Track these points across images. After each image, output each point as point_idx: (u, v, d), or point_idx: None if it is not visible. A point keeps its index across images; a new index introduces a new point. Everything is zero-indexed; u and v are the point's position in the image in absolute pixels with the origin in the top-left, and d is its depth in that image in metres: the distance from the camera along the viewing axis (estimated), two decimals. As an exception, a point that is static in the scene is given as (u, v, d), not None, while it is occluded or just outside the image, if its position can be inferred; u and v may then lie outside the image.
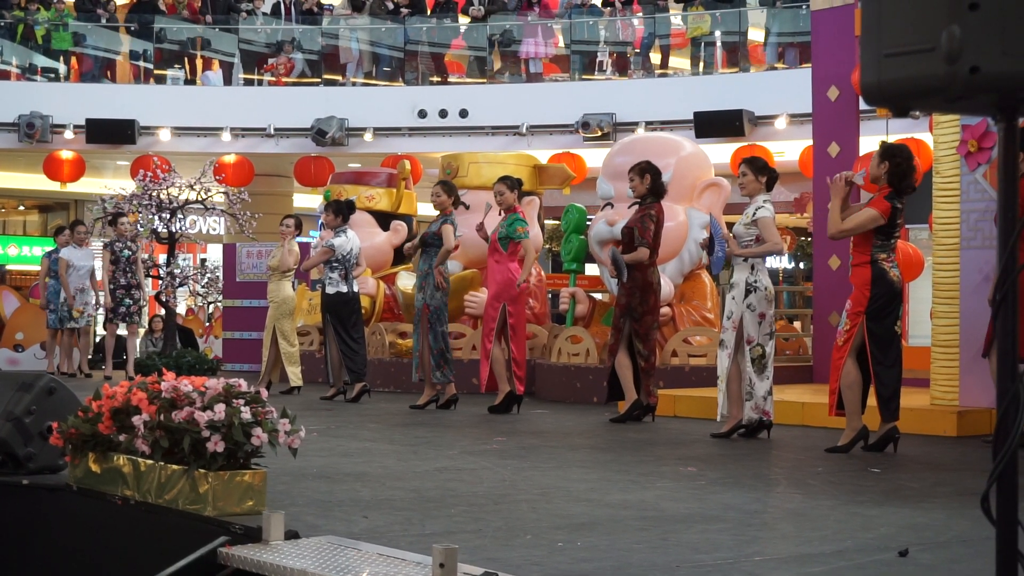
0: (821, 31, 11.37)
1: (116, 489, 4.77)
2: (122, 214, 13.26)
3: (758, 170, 7.81)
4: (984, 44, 2.40)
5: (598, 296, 12.20)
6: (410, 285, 11.96)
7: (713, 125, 15.73)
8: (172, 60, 18.70)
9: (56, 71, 18.61)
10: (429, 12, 18.67)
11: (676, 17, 17.93)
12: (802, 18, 15.94)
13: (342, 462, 6.34)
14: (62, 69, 18.63)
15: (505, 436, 7.86)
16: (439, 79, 18.45)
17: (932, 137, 9.27)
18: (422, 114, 17.26)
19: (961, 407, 8.26)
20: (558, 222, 13.62)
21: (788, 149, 15.90)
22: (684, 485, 5.68)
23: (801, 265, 23.33)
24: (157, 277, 13.81)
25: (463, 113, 17.14)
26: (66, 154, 17.53)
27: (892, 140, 8.08)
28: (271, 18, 18.98)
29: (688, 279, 11.24)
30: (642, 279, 8.80)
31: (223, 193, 13.99)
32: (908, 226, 10.66)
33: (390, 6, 18.72)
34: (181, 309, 17.80)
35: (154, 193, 13.13)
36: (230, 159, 17.46)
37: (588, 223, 11.58)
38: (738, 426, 7.76)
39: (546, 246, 16.57)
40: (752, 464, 6.70)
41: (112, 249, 13.31)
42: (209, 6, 18.73)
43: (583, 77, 17.80)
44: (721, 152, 15.10)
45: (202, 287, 14.32)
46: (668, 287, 10.62)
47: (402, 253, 14.09)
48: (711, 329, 10.78)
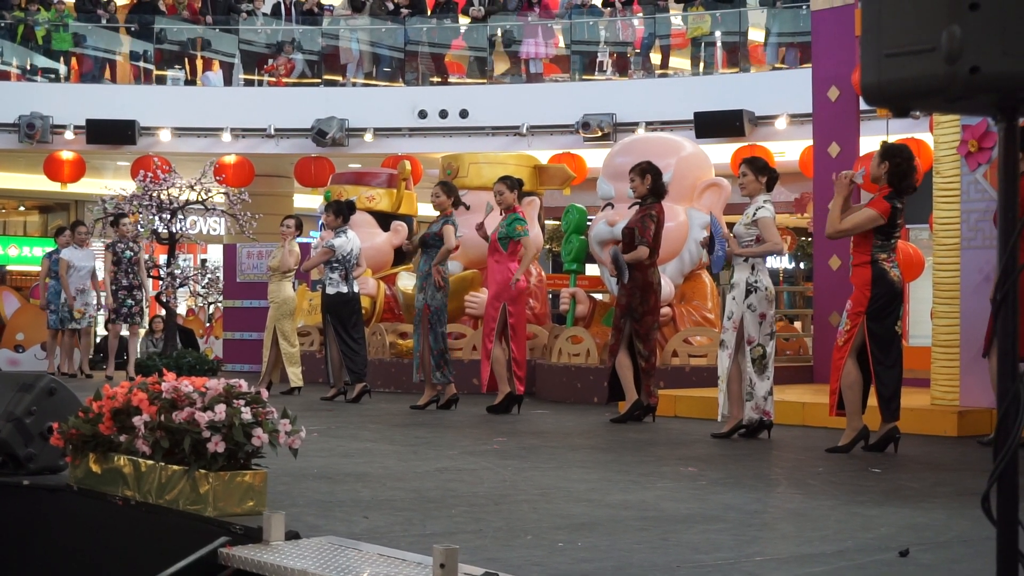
0: (821, 31, 11.37)
1: (117, 489, 4.78)
2: (124, 215, 13.27)
3: (758, 170, 7.81)
4: (984, 44, 2.40)
5: (598, 296, 12.20)
6: (410, 286, 11.95)
7: (713, 125, 15.72)
8: (172, 61, 18.69)
9: (56, 72, 18.61)
10: (429, 12, 18.66)
11: (676, 17, 17.92)
12: (802, 18, 15.93)
13: (343, 462, 6.34)
14: (62, 70, 18.62)
15: (505, 436, 7.86)
16: (439, 79, 18.45)
17: (932, 137, 9.26)
18: (422, 114, 17.26)
19: (961, 407, 8.26)
20: (558, 222, 13.61)
21: (788, 149, 15.90)
22: (684, 485, 5.68)
23: (801, 265, 23.31)
24: (157, 278, 13.80)
25: (463, 113, 17.14)
26: (66, 155, 17.53)
27: (892, 140, 8.08)
28: (271, 19, 18.98)
29: (688, 279, 11.25)
30: (642, 279, 8.80)
31: (223, 194, 13.99)
32: (908, 226, 10.66)
33: (390, 6, 18.71)
34: (182, 310, 17.81)
35: (154, 194, 13.12)
36: (230, 159, 17.46)
37: (588, 223, 11.57)
38: (738, 426, 7.76)
39: (546, 246, 16.56)
40: (752, 464, 6.70)
41: (114, 250, 13.32)
42: (209, 7, 18.73)
43: (583, 77, 17.79)
44: (721, 152, 15.09)
45: (202, 288, 14.30)
46: (668, 287, 10.62)
47: (402, 253, 14.13)
48: (711, 329, 10.78)
